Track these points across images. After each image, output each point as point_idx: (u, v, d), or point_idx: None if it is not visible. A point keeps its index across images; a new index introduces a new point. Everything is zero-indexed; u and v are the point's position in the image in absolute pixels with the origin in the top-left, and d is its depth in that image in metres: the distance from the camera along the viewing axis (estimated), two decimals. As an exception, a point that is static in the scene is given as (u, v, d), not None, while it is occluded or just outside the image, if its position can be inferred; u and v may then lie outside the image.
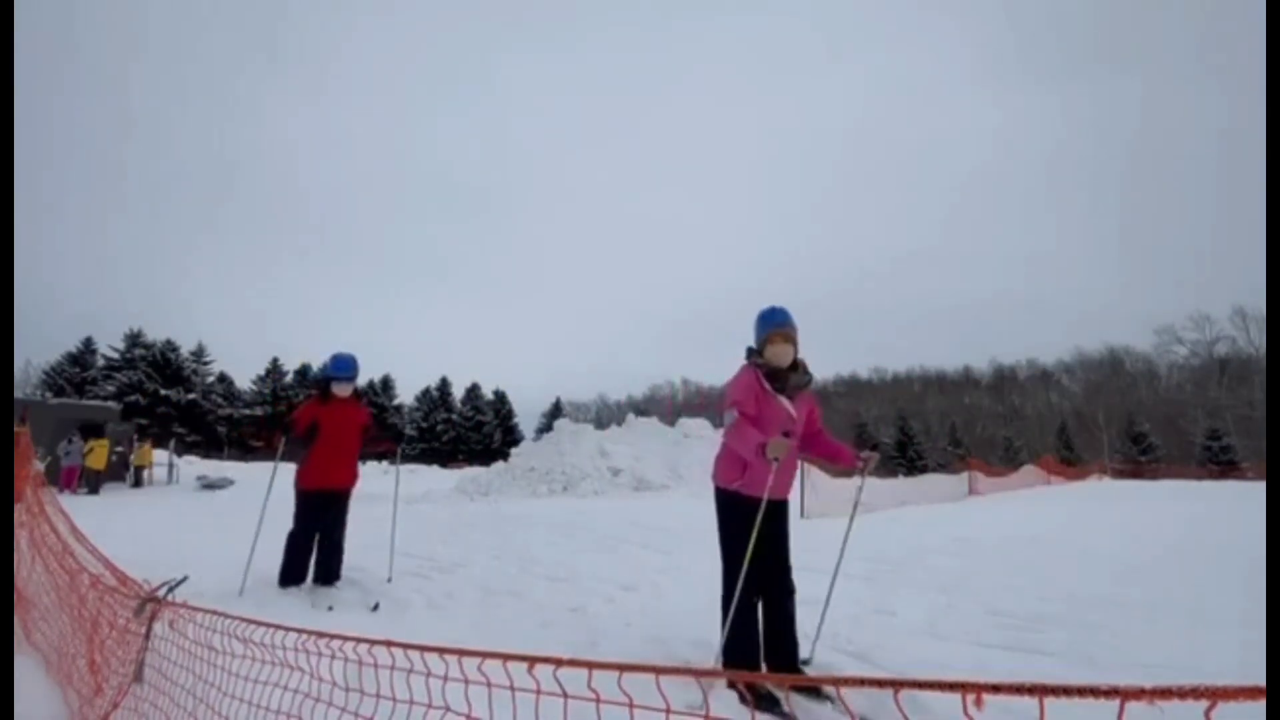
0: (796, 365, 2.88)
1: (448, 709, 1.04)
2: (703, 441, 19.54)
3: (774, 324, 2.85)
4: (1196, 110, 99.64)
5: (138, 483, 18.62)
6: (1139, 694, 0.57)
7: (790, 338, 2.83)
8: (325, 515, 4.50)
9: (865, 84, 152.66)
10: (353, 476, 4.66)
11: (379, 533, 5.73)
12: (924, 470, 46.36)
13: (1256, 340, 53.28)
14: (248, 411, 50.53)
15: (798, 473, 4.58)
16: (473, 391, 61.76)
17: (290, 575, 4.45)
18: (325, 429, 4.44)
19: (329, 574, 4.52)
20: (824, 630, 3.21)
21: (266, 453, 44.42)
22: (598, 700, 0.89)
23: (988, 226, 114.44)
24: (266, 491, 4.76)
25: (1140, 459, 47.00)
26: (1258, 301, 52.23)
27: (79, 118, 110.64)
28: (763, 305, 2.96)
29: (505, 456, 19.57)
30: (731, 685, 2.42)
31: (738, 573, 2.60)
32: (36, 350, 52.65)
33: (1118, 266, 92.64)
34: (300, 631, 1.24)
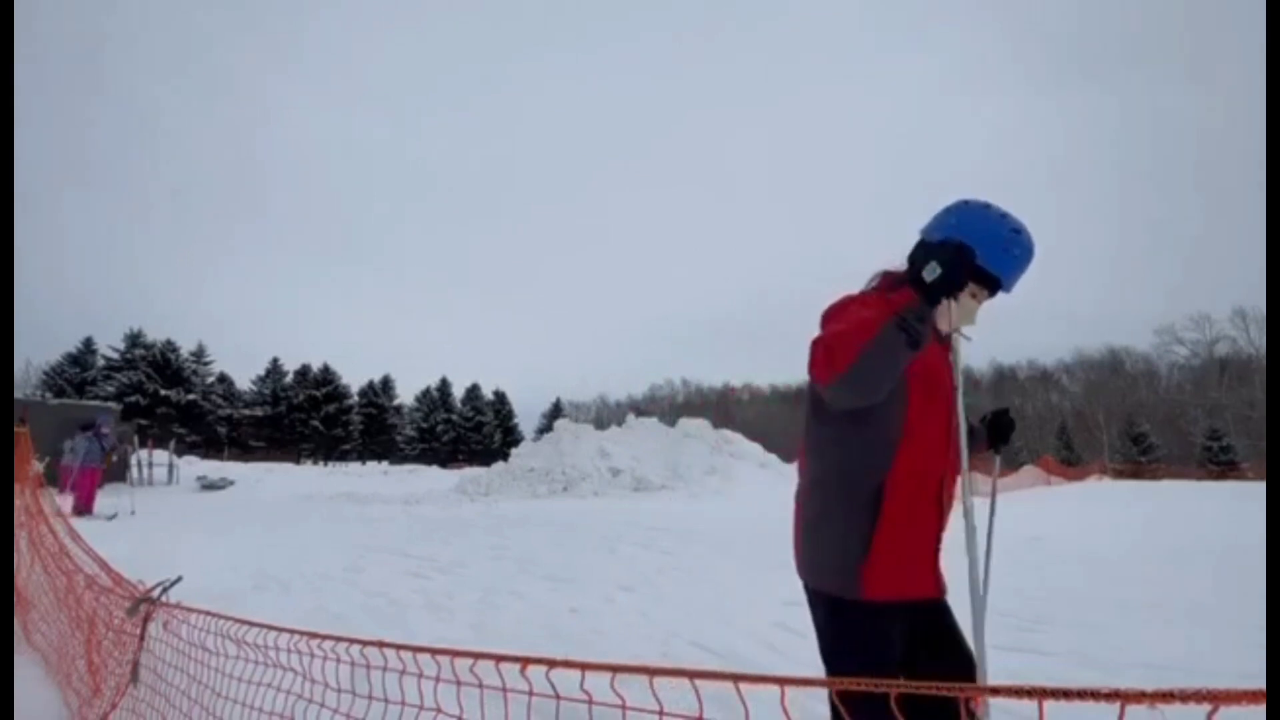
0: None
1: (439, 710, 1.04)
2: (702, 441, 19.55)
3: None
4: (1196, 110, 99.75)
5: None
6: (1140, 697, 0.56)
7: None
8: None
9: (862, 88, 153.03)
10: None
11: (382, 534, 5.71)
12: (924, 470, 46.21)
13: (1256, 340, 53.24)
14: (248, 412, 50.50)
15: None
16: (473, 392, 61.76)
17: None
18: (917, 418, 1.45)
19: None
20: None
21: (267, 454, 44.32)
22: (590, 702, 0.89)
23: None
24: None
25: (1140, 459, 46.96)
26: (1258, 301, 52.21)
27: (79, 116, 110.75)
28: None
29: (505, 457, 19.60)
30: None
31: None
32: (36, 350, 52.71)
33: (1118, 266, 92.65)
34: (293, 632, 1.23)
